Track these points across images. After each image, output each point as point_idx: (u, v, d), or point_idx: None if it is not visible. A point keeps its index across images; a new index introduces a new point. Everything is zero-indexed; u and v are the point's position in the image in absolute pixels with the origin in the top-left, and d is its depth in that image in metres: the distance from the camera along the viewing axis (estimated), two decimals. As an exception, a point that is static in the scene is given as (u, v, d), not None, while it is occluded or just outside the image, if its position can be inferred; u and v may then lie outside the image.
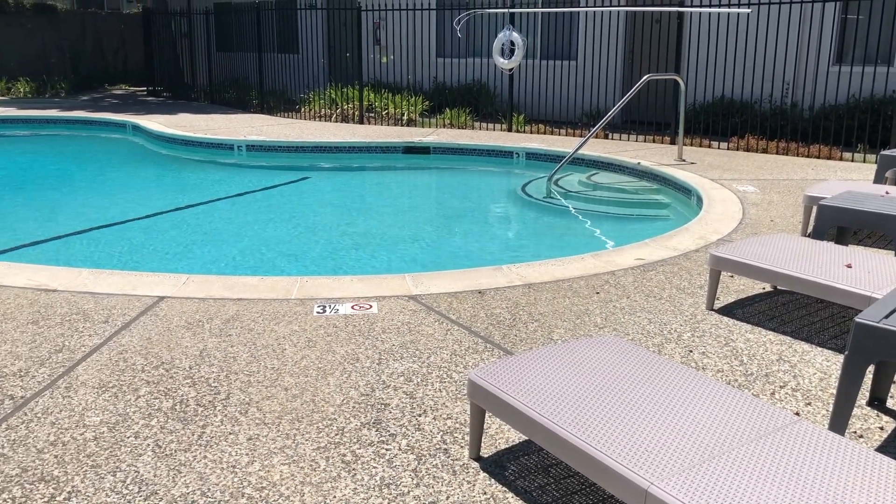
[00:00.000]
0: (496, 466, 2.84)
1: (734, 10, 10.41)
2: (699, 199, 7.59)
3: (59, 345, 3.84)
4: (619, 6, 12.50)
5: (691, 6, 10.96)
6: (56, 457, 2.86)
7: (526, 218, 8.14)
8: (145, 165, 11.43)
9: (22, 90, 18.47)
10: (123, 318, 4.20)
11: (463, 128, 13.16)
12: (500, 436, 3.06)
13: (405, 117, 13.86)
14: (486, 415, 3.06)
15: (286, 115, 15.05)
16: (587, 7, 12.12)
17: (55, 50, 20.64)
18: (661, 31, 12.67)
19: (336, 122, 14.17)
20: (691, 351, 3.89)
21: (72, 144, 13.21)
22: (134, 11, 24.02)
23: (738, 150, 10.74)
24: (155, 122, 13.31)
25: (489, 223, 7.88)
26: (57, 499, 2.60)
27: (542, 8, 13.50)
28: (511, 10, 12.51)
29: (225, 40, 19.36)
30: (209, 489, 2.66)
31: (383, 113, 14.21)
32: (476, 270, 5.06)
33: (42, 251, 6.58)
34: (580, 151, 9.51)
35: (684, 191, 8.31)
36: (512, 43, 12.18)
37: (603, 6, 13.05)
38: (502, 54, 12.23)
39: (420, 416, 3.20)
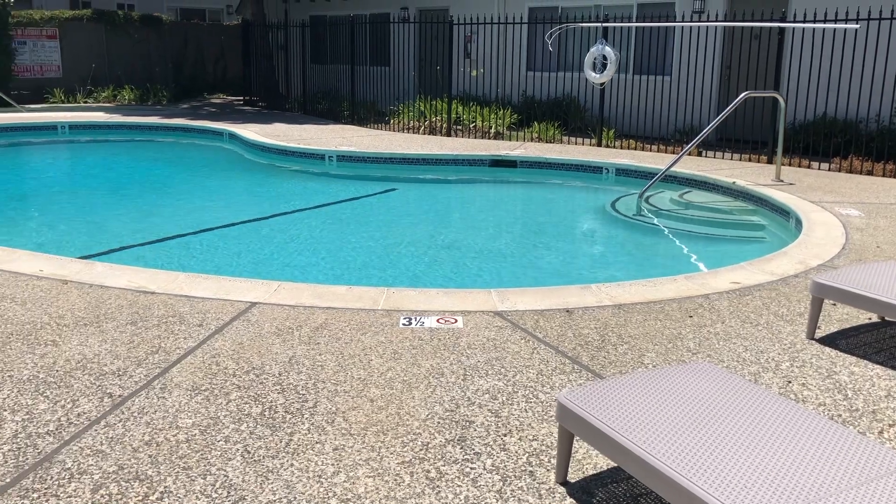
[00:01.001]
0: (583, 493, 2.76)
1: (841, 25, 9.99)
2: (798, 222, 7.29)
3: (155, 346, 3.96)
4: (716, 21, 12.18)
5: (794, 21, 10.58)
6: (150, 456, 2.93)
7: (615, 235, 7.98)
8: (240, 173, 11.78)
9: (127, 97, 19.35)
10: (217, 322, 4.31)
11: (551, 142, 13.05)
12: (588, 461, 2.98)
13: (493, 130, 13.85)
14: (575, 439, 2.98)
15: (375, 126, 15.26)
16: (684, 22, 11.85)
17: (159, 60, 21.57)
18: (759, 47, 12.27)
19: (424, 134, 14.29)
20: (790, 382, 3.71)
21: (172, 151, 13.75)
22: (233, 23, 24.87)
23: (840, 171, 10.28)
24: (251, 131, 13.71)
25: (576, 240, 7.76)
26: (150, 498, 2.66)
27: (637, 22, 13.28)
28: (604, 25, 12.36)
29: (318, 53, 19.83)
30: (295, 498, 2.68)
31: (471, 126, 14.25)
32: (564, 288, 4.98)
33: (141, 253, 6.84)
34: (673, 169, 9.28)
35: (782, 213, 7.99)
36: (604, 57, 12.02)
37: (700, 21, 12.74)
38: (594, 68, 12.08)
39: (505, 435, 3.15)
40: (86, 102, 18.87)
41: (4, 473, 2.79)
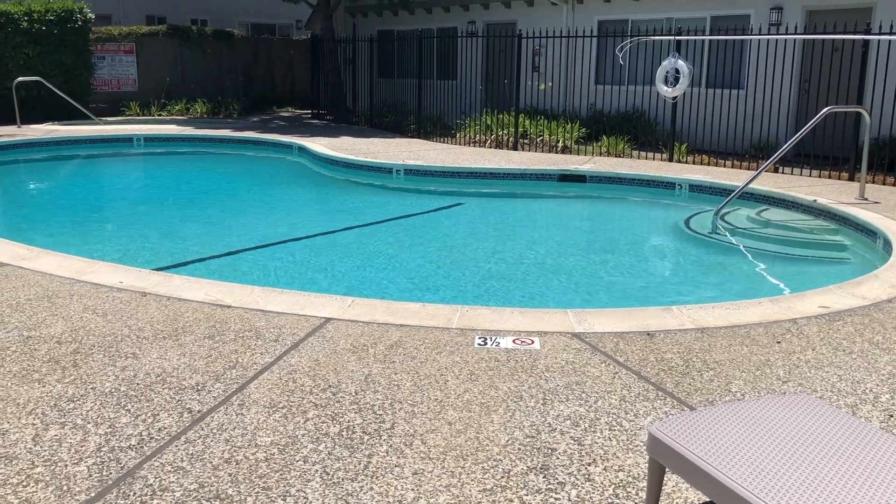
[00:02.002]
0: (676, 530, 2.63)
1: (930, 37, 9.57)
2: (886, 243, 6.95)
3: (232, 361, 3.97)
4: (795, 34, 11.82)
5: (880, 34, 10.18)
6: (230, 475, 2.91)
7: (690, 254, 7.76)
8: (309, 185, 11.91)
9: (199, 110, 19.84)
10: (292, 337, 4.30)
11: (620, 156, 12.84)
12: (678, 495, 2.84)
13: (560, 144, 13.71)
14: (666, 472, 2.85)
15: (441, 140, 15.27)
16: (760, 35, 11.54)
17: (230, 73, 22.07)
18: (841, 60, 11.85)
19: (490, 147, 14.23)
20: (892, 416, 3.49)
21: (243, 163, 14.00)
22: (302, 38, 25.30)
23: (928, 189, 9.82)
24: (319, 145, 13.87)
25: (650, 258, 7.57)
26: (231, 519, 2.63)
27: (711, 36, 12.99)
28: (677, 38, 12.12)
29: (385, 67, 20.01)
30: (376, 524, 2.62)
31: (538, 140, 14.13)
32: (643, 310, 4.83)
33: (214, 266, 6.93)
34: (749, 185, 8.98)
35: (868, 233, 7.65)
36: (677, 71, 11.78)
37: (777, 34, 12.39)
38: (666, 82, 11.85)
39: (590, 465, 3.03)
40: (160, 115, 19.41)
41: (90, 488, 2.80)
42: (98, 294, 4.98)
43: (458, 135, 15.28)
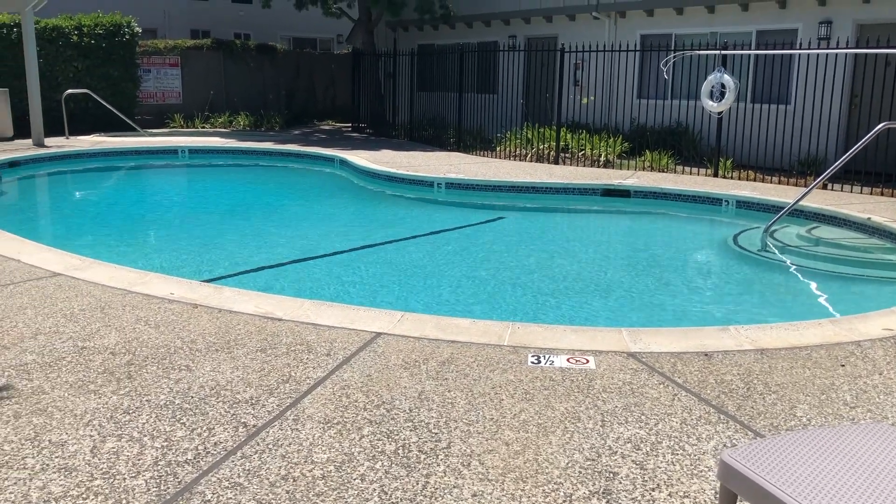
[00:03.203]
0: (749, 562, 2.52)
1: None
2: (947, 263, 6.74)
3: (285, 375, 3.95)
4: (846, 48, 11.59)
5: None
6: (287, 492, 2.87)
7: (740, 272, 7.60)
8: (351, 199, 11.95)
9: (242, 123, 20.08)
10: (344, 352, 4.27)
11: (664, 171, 12.68)
12: (748, 525, 2.73)
13: (602, 158, 13.59)
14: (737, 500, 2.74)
15: (481, 153, 15.25)
16: (808, 49, 11.34)
17: (272, 87, 22.33)
18: (895, 74, 11.59)
19: (531, 161, 14.16)
20: (968, 445, 3.34)
21: (285, 175, 14.12)
22: (343, 52, 25.55)
23: None
24: (361, 158, 13.92)
25: (699, 275, 7.43)
26: (291, 538, 2.59)
27: (758, 50, 12.80)
28: (723, 52, 11.97)
29: (425, 80, 20.08)
30: (438, 548, 2.56)
31: (579, 154, 14.03)
32: (700, 330, 4.72)
33: (260, 278, 6.95)
34: (799, 202, 8.79)
35: (926, 252, 7.43)
36: (723, 85, 11.61)
37: (826, 48, 12.17)
38: (711, 97, 11.69)
39: (653, 490, 2.94)
40: (203, 128, 19.68)
41: (148, 502, 2.79)
42: (150, 305, 5.01)
43: (498, 148, 15.25)
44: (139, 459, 3.08)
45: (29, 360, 4.08)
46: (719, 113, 11.94)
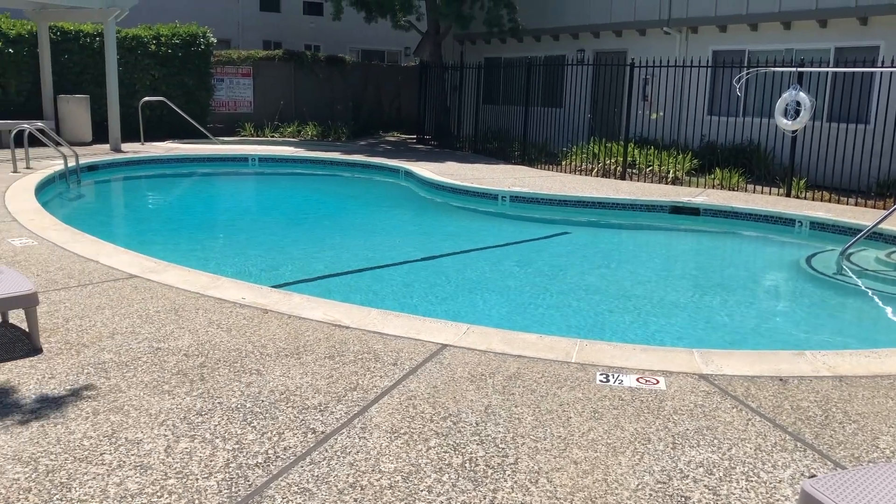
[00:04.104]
0: None
1: None
2: None
3: (353, 382, 3.97)
4: (930, 66, 11.17)
5: None
6: (356, 500, 2.89)
7: (815, 295, 7.37)
8: (416, 209, 12.02)
9: (310, 133, 20.43)
10: (410, 362, 4.28)
11: (734, 190, 12.41)
12: (829, 559, 2.62)
13: (670, 175, 13.38)
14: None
15: (546, 167, 15.17)
16: (892, 68, 10.96)
17: (340, 98, 22.66)
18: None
19: (597, 176, 14.02)
20: None
21: (351, 185, 14.29)
22: (410, 64, 25.80)
23: None
24: (425, 169, 14.00)
25: (772, 297, 7.23)
26: (359, 547, 2.60)
27: (837, 68, 12.44)
28: (799, 69, 11.67)
29: (491, 93, 20.10)
30: (506, 565, 2.53)
31: (646, 170, 13.83)
32: (774, 354, 4.58)
33: (327, 285, 7.04)
34: (878, 225, 8.49)
35: None
36: (798, 103, 11.32)
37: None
38: (786, 114, 11.41)
39: (728, 517, 2.86)
40: (272, 137, 20.08)
41: (220, 503, 2.83)
42: (222, 309, 5.12)
43: (563, 162, 15.15)
44: (211, 461, 3.14)
45: (106, 358, 4.20)
46: (794, 131, 11.64)
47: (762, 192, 12.16)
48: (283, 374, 4.05)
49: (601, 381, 4.11)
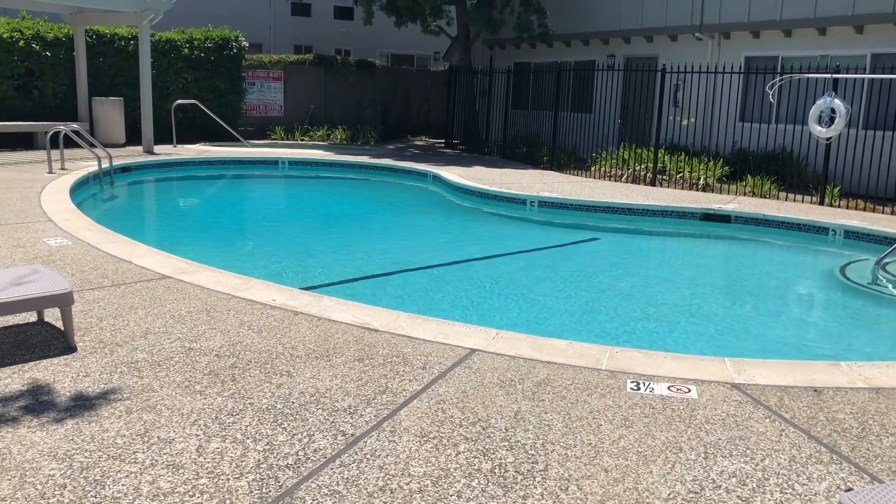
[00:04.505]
0: None
1: None
2: None
3: (382, 386, 3.98)
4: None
5: None
6: (385, 504, 2.89)
7: (848, 305, 7.25)
8: (443, 213, 12.03)
9: (339, 137, 20.54)
10: (439, 366, 4.28)
11: (766, 197, 12.26)
12: (866, 574, 2.57)
13: (701, 182, 13.25)
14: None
15: (575, 172, 15.11)
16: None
17: (370, 102, 22.78)
18: None
19: (626, 182, 13.94)
20: None
21: (380, 189, 14.34)
22: (439, 69, 25.84)
23: None
24: (453, 174, 14.01)
25: (804, 306, 7.13)
26: (389, 550, 2.60)
27: (874, 74, 12.25)
28: (835, 76, 11.51)
29: (520, 98, 20.07)
30: (536, 572, 2.51)
31: (677, 176, 13.72)
32: (808, 364, 4.51)
33: (356, 288, 7.06)
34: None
35: None
36: (833, 110, 11.18)
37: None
38: (820, 122, 11.26)
39: (762, 530, 2.82)
40: (302, 140, 20.23)
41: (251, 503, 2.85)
42: (253, 310, 5.15)
43: (592, 168, 15.08)
44: (242, 461, 3.16)
45: (139, 358, 4.25)
46: (828, 139, 11.48)
47: (795, 200, 12.00)
48: (312, 376, 4.06)
49: (632, 388, 4.07)
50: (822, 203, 11.73)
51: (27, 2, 15.49)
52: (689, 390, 4.07)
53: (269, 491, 2.94)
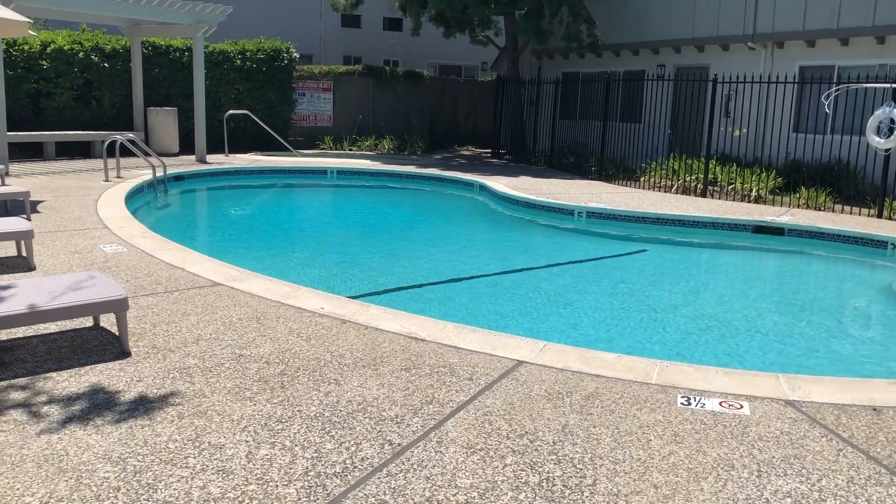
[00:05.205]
0: None
1: None
2: None
3: (429, 396, 3.98)
4: None
5: None
6: (432, 515, 2.88)
7: (908, 322, 7.03)
8: (490, 223, 12.02)
9: (386, 146, 20.70)
10: (486, 377, 4.26)
11: (820, 209, 11.98)
12: None
13: (753, 193, 13.01)
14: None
15: (623, 183, 14.97)
16: None
17: (417, 112, 22.92)
18: None
19: (676, 193, 13.75)
20: None
21: (426, 199, 14.40)
22: (486, 79, 25.88)
23: None
24: (500, 183, 14.00)
25: (861, 322, 6.93)
26: (435, 562, 2.59)
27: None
28: (894, 86, 11.20)
29: (568, 108, 19.98)
30: (584, 589, 2.48)
31: (728, 187, 13.49)
32: (866, 381, 4.38)
33: (402, 297, 7.09)
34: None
35: None
36: (892, 121, 10.89)
37: None
38: (878, 132, 10.98)
39: (818, 552, 2.73)
40: (350, 150, 20.43)
41: (299, 511, 2.87)
42: (302, 318, 5.21)
43: (641, 179, 14.91)
44: (291, 468, 3.18)
45: (191, 364, 4.32)
46: (886, 150, 11.18)
47: (851, 213, 11.70)
48: (360, 385, 4.08)
49: (682, 403, 4.00)
50: (880, 216, 11.41)
51: (88, 15, 15.94)
52: (742, 406, 3.98)
53: (317, 499, 2.96)
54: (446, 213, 12.94)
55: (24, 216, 8.44)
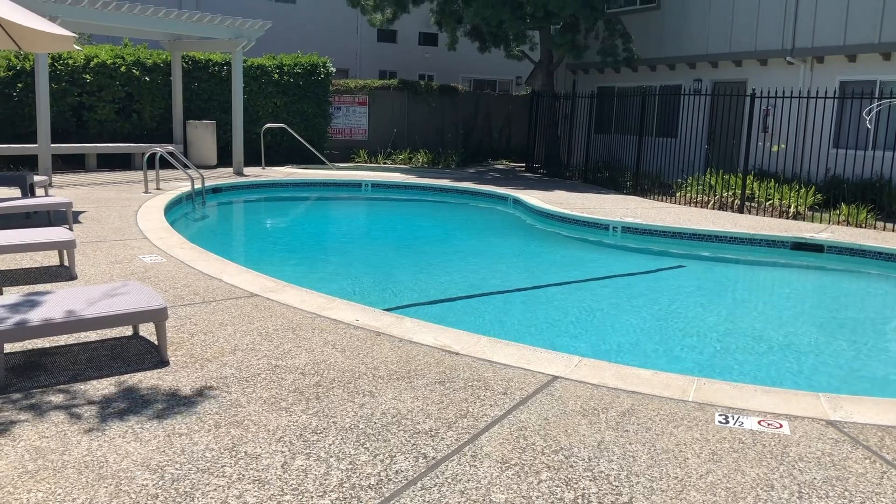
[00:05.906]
0: None
1: None
2: None
3: (463, 410, 3.97)
4: None
5: None
6: (466, 529, 2.87)
7: (954, 342, 6.85)
8: (524, 238, 11.99)
9: (420, 160, 20.79)
10: (521, 392, 4.24)
11: (861, 227, 11.76)
12: None
13: (791, 210, 12.82)
14: None
15: (659, 198, 14.85)
16: None
17: (451, 126, 23.00)
18: None
19: (712, 209, 13.61)
20: None
21: (460, 212, 14.42)
22: (521, 94, 25.90)
23: None
24: (534, 198, 13.97)
25: (904, 342, 6.77)
26: (470, 577, 2.57)
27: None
28: (938, 100, 10.99)
29: (603, 122, 19.92)
30: None
31: (766, 203, 13.31)
32: (911, 403, 4.28)
33: (436, 310, 7.09)
34: None
35: None
36: (936, 136, 10.66)
37: None
38: (922, 149, 10.76)
39: (862, 577, 2.67)
40: (385, 164, 20.56)
41: (334, 523, 2.87)
42: (337, 330, 5.24)
43: (677, 194, 14.79)
44: (326, 479, 3.20)
45: (228, 373, 4.37)
46: (930, 166, 10.95)
47: (893, 231, 11.47)
48: (394, 397, 4.09)
49: (720, 422, 3.94)
50: (923, 233, 11.17)
51: (130, 30, 16.30)
52: (781, 426, 3.91)
53: (352, 510, 2.97)
54: (480, 227, 12.94)
55: (67, 226, 8.62)
